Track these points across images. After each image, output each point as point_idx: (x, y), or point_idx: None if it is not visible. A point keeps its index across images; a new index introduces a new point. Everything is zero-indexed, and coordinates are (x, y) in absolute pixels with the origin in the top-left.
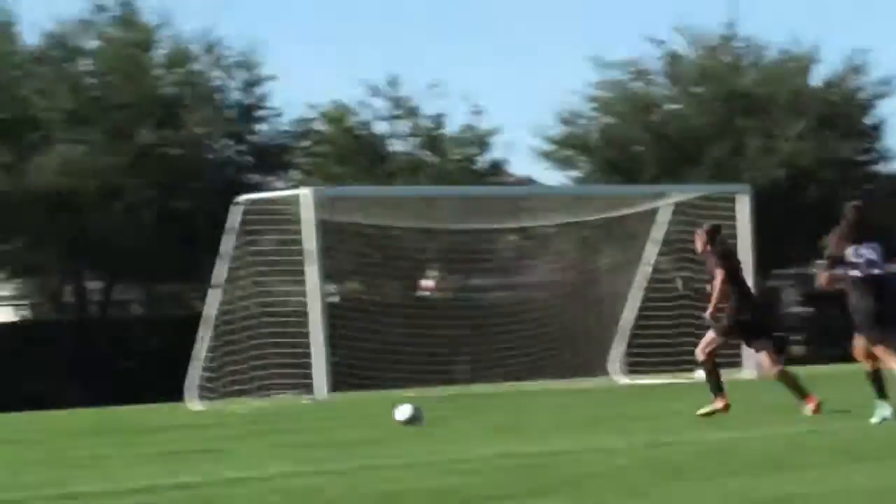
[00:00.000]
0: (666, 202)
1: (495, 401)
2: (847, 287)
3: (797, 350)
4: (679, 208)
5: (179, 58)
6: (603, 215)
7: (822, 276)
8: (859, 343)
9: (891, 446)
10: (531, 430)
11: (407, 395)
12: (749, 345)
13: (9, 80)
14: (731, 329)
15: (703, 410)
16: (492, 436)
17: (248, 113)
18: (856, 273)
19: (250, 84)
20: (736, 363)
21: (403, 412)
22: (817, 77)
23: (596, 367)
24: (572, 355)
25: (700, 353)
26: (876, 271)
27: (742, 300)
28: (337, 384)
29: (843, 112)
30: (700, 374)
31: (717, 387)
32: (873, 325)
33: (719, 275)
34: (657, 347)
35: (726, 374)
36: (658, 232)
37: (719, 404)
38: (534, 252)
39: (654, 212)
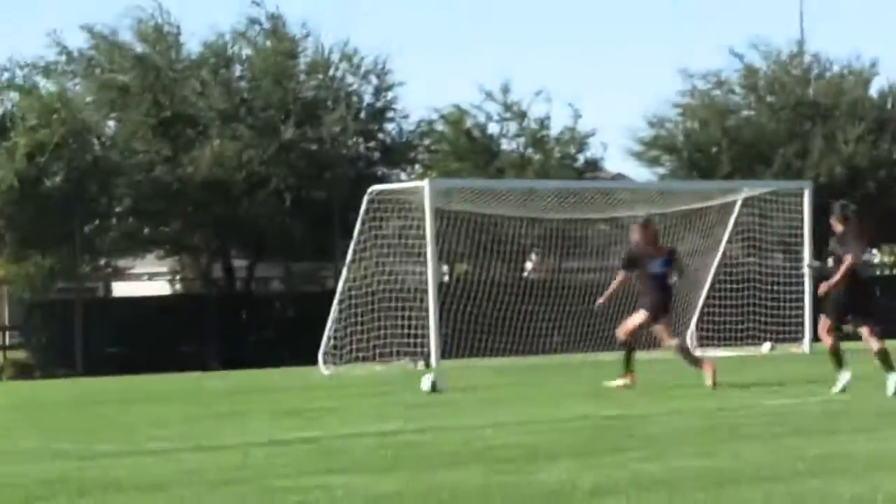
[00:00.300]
0: (739, 196)
1: (583, 370)
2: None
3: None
4: (750, 201)
5: (320, 65)
6: (684, 207)
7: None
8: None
9: None
10: (613, 396)
11: (507, 363)
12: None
13: (172, 82)
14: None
15: (611, 384)
16: (579, 399)
17: (378, 114)
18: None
19: (381, 89)
20: (797, 338)
21: (426, 383)
22: (875, 88)
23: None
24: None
25: (622, 333)
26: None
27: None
28: (447, 353)
29: None
30: (766, 348)
31: (628, 364)
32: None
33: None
34: (726, 325)
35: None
36: (731, 221)
37: (627, 381)
38: (622, 239)
39: (729, 205)
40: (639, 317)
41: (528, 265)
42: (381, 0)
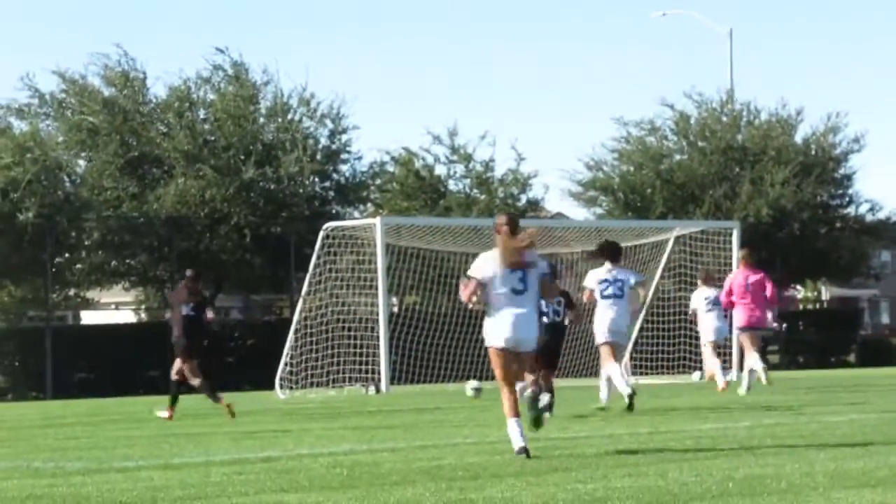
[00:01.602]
0: (672, 235)
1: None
2: None
3: (773, 359)
4: (682, 240)
5: (279, 109)
6: (620, 245)
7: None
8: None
9: (845, 437)
10: (553, 419)
11: (452, 388)
12: None
13: (139, 124)
14: None
15: (160, 413)
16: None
17: (333, 156)
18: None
19: (336, 132)
20: (725, 367)
21: (469, 390)
22: (800, 134)
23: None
24: (590, 359)
25: (175, 374)
26: None
27: None
28: (396, 378)
29: (820, 163)
30: (696, 377)
31: (175, 398)
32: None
33: None
34: (659, 354)
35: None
36: (664, 259)
37: (167, 414)
38: (561, 274)
39: (662, 242)
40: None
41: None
42: (337, 48)
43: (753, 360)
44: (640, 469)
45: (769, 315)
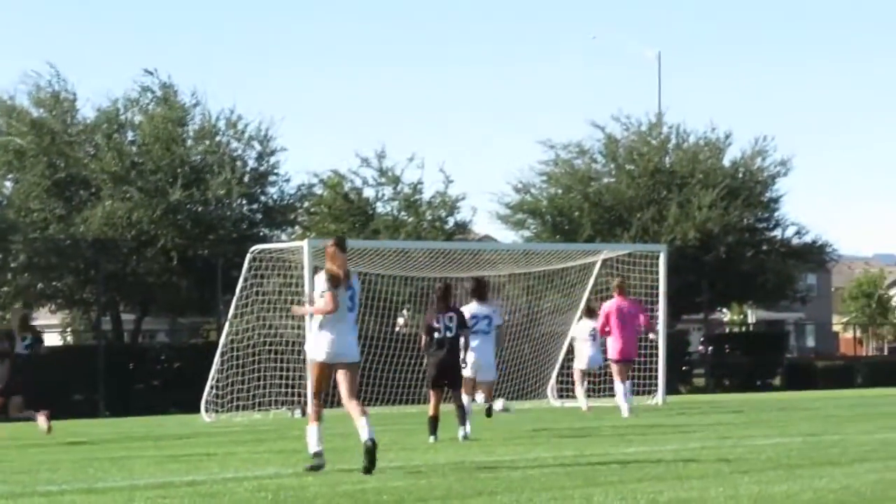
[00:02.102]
0: (599, 258)
1: (452, 419)
2: None
3: (699, 382)
4: (609, 263)
5: (207, 131)
6: (547, 268)
7: None
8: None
9: (770, 461)
10: (482, 443)
11: (380, 411)
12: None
13: (66, 145)
14: None
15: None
16: (449, 447)
17: (261, 178)
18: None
19: (264, 154)
20: (651, 391)
21: (498, 404)
22: (728, 158)
23: (537, 391)
24: (518, 382)
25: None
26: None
27: None
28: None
29: (747, 187)
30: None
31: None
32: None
33: None
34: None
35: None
36: (591, 281)
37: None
38: (488, 297)
39: (589, 265)
40: None
41: (400, 320)
42: (265, 71)
43: (620, 392)
44: (565, 493)
45: (654, 336)
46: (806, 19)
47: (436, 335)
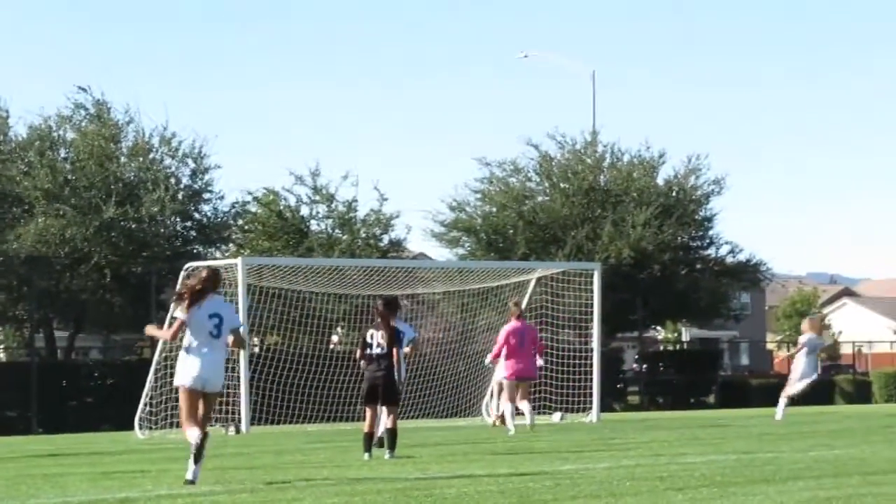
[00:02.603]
0: (533, 276)
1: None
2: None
3: (634, 399)
4: (543, 281)
5: (140, 148)
6: (481, 285)
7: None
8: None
9: (704, 478)
10: (417, 460)
11: (315, 429)
12: None
13: None
14: None
15: None
16: (383, 464)
17: (195, 195)
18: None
19: (198, 171)
20: (586, 408)
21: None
22: (662, 176)
23: (471, 409)
24: (452, 399)
25: None
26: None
27: None
28: (256, 419)
29: (681, 205)
30: (556, 418)
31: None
32: None
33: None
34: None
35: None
36: (525, 299)
37: None
38: (423, 314)
39: (524, 283)
40: None
41: (335, 338)
42: (199, 88)
43: (508, 409)
44: None
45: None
46: (739, 41)
47: (368, 351)
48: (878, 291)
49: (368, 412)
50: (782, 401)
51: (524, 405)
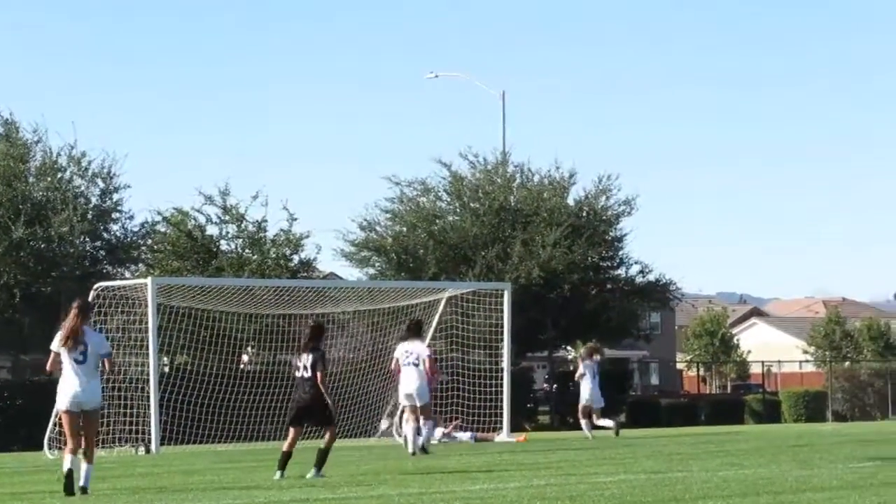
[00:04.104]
0: (444, 295)
1: (298, 455)
2: None
3: (544, 419)
4: (454, 300)
5: (49, 168)
6: (392, 305)
7: None
8: None
9: (614, 498)
10: (327, 481)
11: (225, 449)
12: None
13: None
14: None
15: None
16: (292, 484)
17: (104, 215)
18: None
19: (108, 191)
20: (497, 428)
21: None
22: (572, 196)
23: (383, 429)
24: (363, 418)
25: None
26: None
27: None
28: (166, 439)
29: (591, 225)
30: (467, 437)
31: None
32: None
33: None
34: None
35: (484, 437)
36: (435, 319)
37: None
38: (333, 334)
39: (434, 303)
40: None
41: (245, 358)
42: (109, 107)
43: (409, 430)
44: None
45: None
46: (649, 63)
47: (296, 374)
48: (787, 311)
49: (292, 432)
50: (586, 421)
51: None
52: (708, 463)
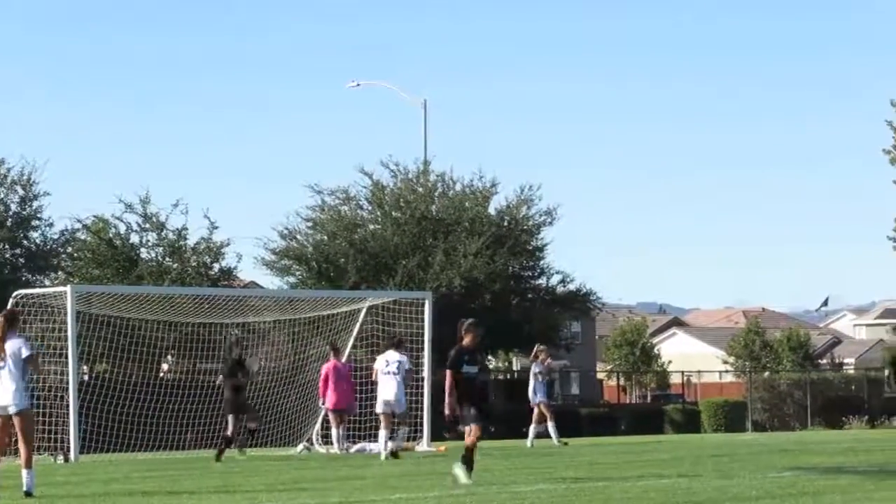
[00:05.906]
0: (364, 304)
1: (217, 465)
2: None
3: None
4: (374, 309)
5: None
6: (313, 314)
7: None
8: None
9: None
10: (245, 491)
11: (143, 457)
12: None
13: None
14: None
15: None
16: (211, 495)
17: (23, 222)
18: None
19: (27, 198)
20: (416, 437)
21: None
22: (494, 205)
23: (302, 438)
24: (283, 428)
25: None
26: None
27: None
28: (86, 447)
29: (513, 235)
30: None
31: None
32: None
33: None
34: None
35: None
36: (356, 328)
37: None
38: (254, 343)
39: (355, 312)
40: None
41: (165, 366)
42: (28, 113)
43: (337, 436)
44: None
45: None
46: (574, 73)
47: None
48: (706, 321)
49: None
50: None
51: (336, 433)
52: (628, 472)
